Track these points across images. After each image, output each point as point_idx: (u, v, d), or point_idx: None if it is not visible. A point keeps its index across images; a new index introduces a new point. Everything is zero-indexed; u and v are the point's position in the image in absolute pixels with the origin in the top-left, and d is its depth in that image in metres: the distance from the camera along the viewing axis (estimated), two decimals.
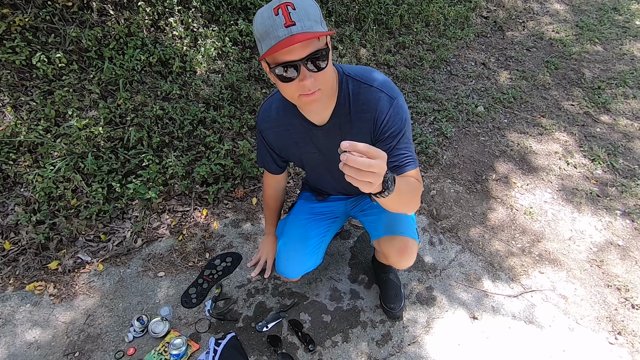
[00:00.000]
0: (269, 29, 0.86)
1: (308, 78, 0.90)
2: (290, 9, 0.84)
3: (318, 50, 0.89)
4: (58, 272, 1.71)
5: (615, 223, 2.11)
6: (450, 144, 2.57)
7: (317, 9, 0.90)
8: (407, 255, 1.30)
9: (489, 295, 1.75)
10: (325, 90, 0.97)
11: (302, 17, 0.85)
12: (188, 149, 2.21)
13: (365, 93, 1.09)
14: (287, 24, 0.84)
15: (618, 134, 2.70)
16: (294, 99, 0.99)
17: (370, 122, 1.10)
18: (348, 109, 1.11)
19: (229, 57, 2.71)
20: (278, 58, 0.89)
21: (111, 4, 2.44)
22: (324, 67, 0.91)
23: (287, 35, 0.84)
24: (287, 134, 1.23)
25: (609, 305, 1.74)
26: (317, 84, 0.93)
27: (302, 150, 1.27)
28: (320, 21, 0.90)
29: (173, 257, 1.83)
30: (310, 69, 0.90)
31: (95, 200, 1.90)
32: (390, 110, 1.08)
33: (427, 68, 3.16)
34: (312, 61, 0.89)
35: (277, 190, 1.56)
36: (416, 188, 1.08)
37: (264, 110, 1.24)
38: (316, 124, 1.16)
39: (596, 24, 3.96)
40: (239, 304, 1.66)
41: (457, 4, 3.85)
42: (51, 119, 2.03)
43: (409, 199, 1.04)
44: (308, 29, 0.85)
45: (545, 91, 3.08)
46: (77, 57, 2.26)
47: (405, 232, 1.33)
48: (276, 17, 0.85)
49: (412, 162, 1.10)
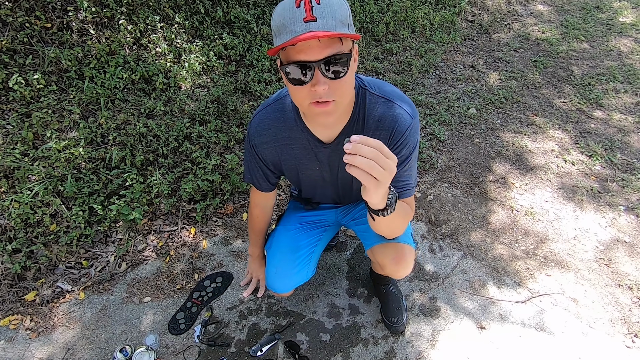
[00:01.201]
0: (287, 22, 0.75)
1: (322, 84, 0.79)
2: (314, 2, 0.74)
3: (339, 54, 0.77)
4: (35, 304, 1.60)
5: (619, 219, 2.04)
6: (444, 147, 2.52)
7: (346, 8, 0.79)
8: (403, 263, 1.20)
9: (496, 303, 1.65)
10: (341, 103, 0.86)
11: (326, 14, 0.74)
12: (174, 165, 2.13)
13: (382, 108, 1.00)
14: (307, 19, 0.74)
15: (613, 129, 2.65)
16: (303, 106, 0.87)
17: (384, 140, 1.00)
18: (362, 125, 1.02)
19: (214, 71, 2.67)
20: (291, 56, 0.78)
21: (92, 23, 2.39)
22: (342, 75, 0.80)
23: (304, 31, 0.74)
24: (286, 149, 1.11)
25: (622, 306, 1.65)
26: (332, 93, 0.81)
27: (303, 167, 1.16)
28: (348, 23, 0.79)
29: (160, 281, 1.72)
30: (326, 74, 0.79)
31: (76, 224, 1.80)
32: (407, 132, 1.00)
33: (416, 73, 3.13)
34: (329, 65, 0.78)
35: (265, 209, 1.42)
36: (408, 215, 1.07)
37: (259, 123, 1.09)
38: (322, 140, 1.06)
39: (580, 22, 3.99)
40: (231, 327, 1.55)
41: (442, 9, 3.87)
42: (28, 141, 1.95)
43: (399, 224, 1.03)
44: (330, 28, 0.74)
45: (536, 90, 3.05)
46: (56, 78, 2.19)
47: (400, 238, 1.22)
48: (297, 9, 0.74)
49: (412, 189, 1.07)
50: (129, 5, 2.50)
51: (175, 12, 2.69)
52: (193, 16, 2.75)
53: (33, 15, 2.24)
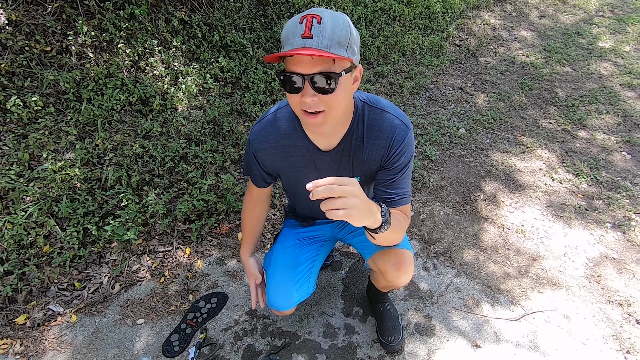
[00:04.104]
0: (289, 35, 0.84)
1: (309, 96, 0.86)
2: (315, 21, 0.82)
3: (327, 72, 0.84)
4: (26, 327, 1.57)
5: (607, 236, 2.09)
6: (435, 166, 2.57)
7: (348, 33, 0.85)
8: (405, 268, 1.22)
9: (490, 321, 1.67)
10: (330, 115, 0.92)
11: (323, 34, 0.81)
12: (169, 186, 2.15)
13: (380, 119, 1.06)
14: (304, 35, 0.81)
15: (597, 148, 2.75)
16: (297, 111, 0.95)
17: (383, 149, 1.08)
18: (361, 135, 1.08)
19: (211, 93, 2.72)
20: (287, 66, 0.87)
21: (91, 47, 2.45)
22: (331, 90, 0.86)
23: (300, 45, 0.82)
24: (285, 157, 1.15)
25: (613, 323, 1.67)
26: (321, 104, 0.88)
27: (300, 175, 1.19)
28: (347, 46, 0.85)
29: (154, 302, 1.71)
30: (313, 88, 0.86)
31: (70, 245, 1.79)
32: (405, 141, 1.07)
33: (407, 95, 3.23)
34: (316, 80, 0.85)
35: (261, 196, 1.37)
36: (405, 223, 1.11)
37: (260, 130, 1.14)
38: (322, 148, 1.11)
39: (562, 47, 4.17)
40: (226, 348, 1.54)
41: (430, 34, 4.03)
42: (24, 162, 1.95)
43: (398, 234, 1.06)
44: (325, 47, 0.81)
45: (523, 111, 3.16)
46: (54, 100, 2.22)
47: (399, 244, 1.25)
48: (299, 25, 0.82)
49: (408, 197, 1.13)
50: (128, 29, 2.57)
51: (173, 36, 2.77)
52: (190, 40, 2.83)
53: (33, 39, 2.29)
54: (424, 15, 4.16)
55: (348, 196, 0.75)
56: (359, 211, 0.78)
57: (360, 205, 0.78)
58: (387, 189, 1.10)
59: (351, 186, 0.76)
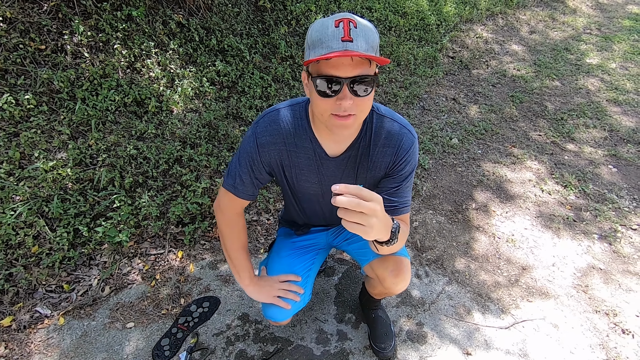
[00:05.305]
0: (324, 38, 0.83)
1: (348, 99, 0.86)
2: (352, 25, 0.83)
3: (366, 75, 0.85)
4: (11, 330, 1.53)
5: (594, 247, 2.14)
6: (428, 175, 2.61)
7: (376, 36, 0.88)
8: (402, 275, 1.23)
9: (480, 328, 1.68)
10: (360, 118, 0.94)
11: (360, 37, 0.83)
12: (163, 188, 2.13)
13: (388, 127, 1.08)
14: (345, 39, 0.82)
15: (585, 161, 2.82)
16: (324, 116, 0.93)
17: (390, 156, 1.08)
18: (369, 142, 1.08)
19: (207, 97, 2.72)
20: (323, 70, 0.85)
21: (86, 47, 2.43)
22: (366, 93, 0.88)
23: (341, 48, 0.82)
24: (291, 156, 1.12)
25: (600, 332, 1.71)
26: (354, 108, 0.89)
27: (303, 179, 1.16)
28: (376, 50, 0.88)
29: (144, 305, 1.68)
30: (353, 92, 0.86)
31: (60, 246, 1.76)
32: (411, 149, 1.08)
33: (401, 104, 3.27)
34: (357, 84, 0.86)
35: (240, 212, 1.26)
36: (406, 232, 1.12)
37: (270, 123, 1.08)
38: (329, 153, 1.11)
39: (552, 62, 4.29)
40: (217, 354, 1.52)
41: (425, 45, 4.10)
42: (15, 161, 1.92)
43: (400, 243, 1.06)
44: (363, 50, 0.83)
45: (514, 123, 3.23)
46: (47, 99, 2.20)
47: (397, 252, 1.26)
48: (336, 29, 0.83)
49: (409, 206, 1.15)
50: (125, 31, 2.56)
51: (170, 39, 2.77)
52: (187, 43, 2.84)
53: (28, 37, 2.27)
54: (419, 27, 4.24)
55: (370, 214, 0.74)
56: (376, 230, 0.78)
57: (377, 225, 0.77)
58: (391, 196, 1.11)
59: (374, 204, 0.75)
